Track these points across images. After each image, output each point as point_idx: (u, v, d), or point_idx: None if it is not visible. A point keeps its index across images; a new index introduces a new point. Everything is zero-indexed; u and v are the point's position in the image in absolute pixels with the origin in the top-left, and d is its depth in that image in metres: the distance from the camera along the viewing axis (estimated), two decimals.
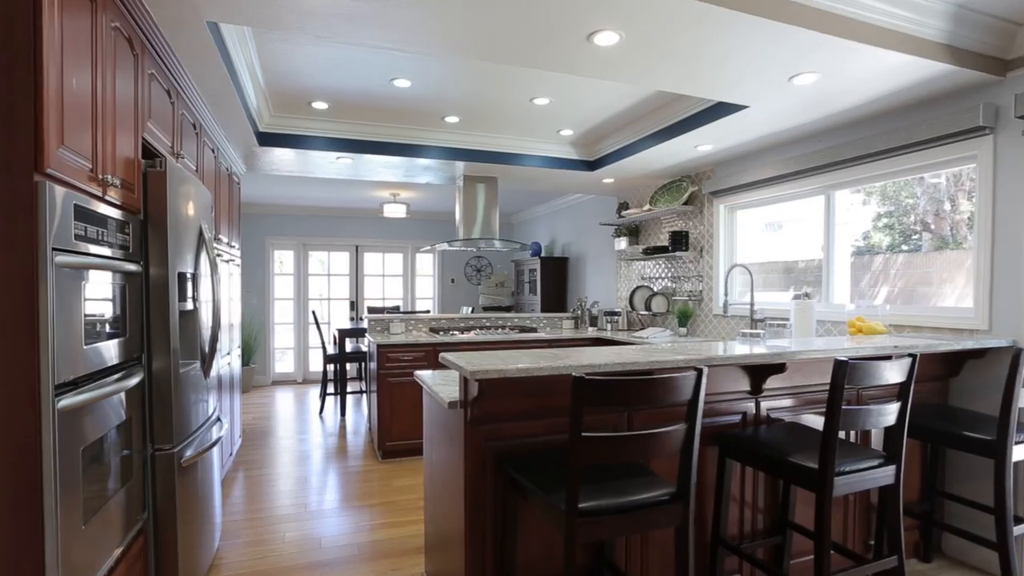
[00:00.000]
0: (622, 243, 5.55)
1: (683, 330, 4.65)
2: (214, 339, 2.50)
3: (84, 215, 1.55)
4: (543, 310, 6.96)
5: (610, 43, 2.29)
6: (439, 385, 2.18)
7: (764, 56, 2.40)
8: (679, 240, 4.72)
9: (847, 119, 3.23)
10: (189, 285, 2.33)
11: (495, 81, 3.29)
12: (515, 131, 4.24)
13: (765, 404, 2.35)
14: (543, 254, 7.11)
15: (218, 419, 2.84)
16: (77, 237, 1.51)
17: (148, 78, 2.15)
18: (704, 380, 1.55)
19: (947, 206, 3.51)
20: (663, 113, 3.78)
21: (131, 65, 1.98)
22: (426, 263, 8.71)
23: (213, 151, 3.39)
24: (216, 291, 2.47)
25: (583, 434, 1.42)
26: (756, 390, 2.28)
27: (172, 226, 2.10)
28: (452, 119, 3.93)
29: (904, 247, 3.41)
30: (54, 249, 1.39)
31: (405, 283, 8.59)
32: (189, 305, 2.32)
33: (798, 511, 2.40)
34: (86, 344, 1.56)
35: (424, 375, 2.39)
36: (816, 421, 2.46)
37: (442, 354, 1.94)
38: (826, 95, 2.83)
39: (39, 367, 1.34)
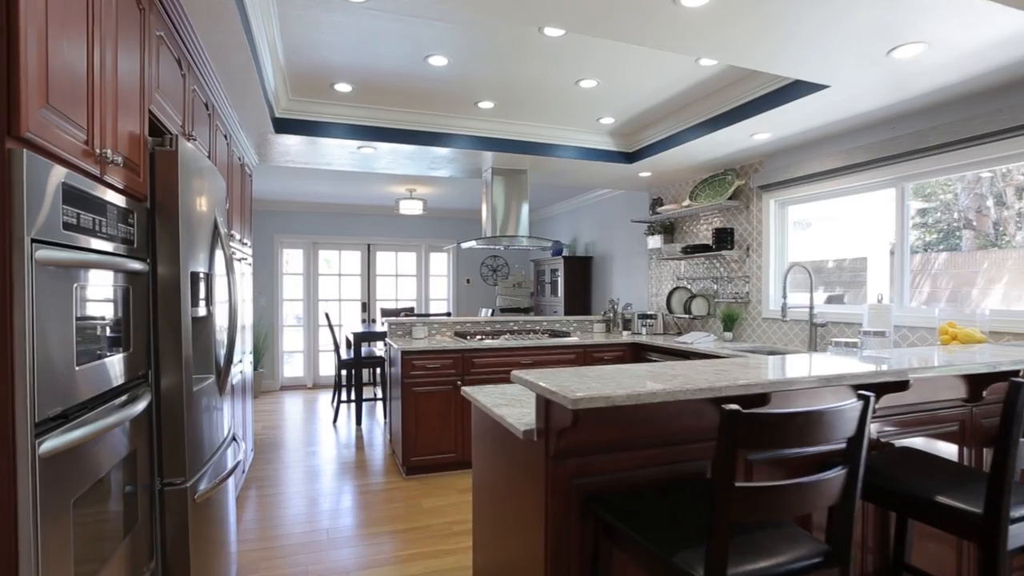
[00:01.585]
0: (655, 241, 5.20)
1: (728, 335, 4.31)
2: (231, 349, 2.16)
3: (76, 198, 1.21)
4: (566, 312, 6.61)
5: (698, 4, 1.95)
6: (500, 406, 1.84)
7: (869, 23, 2.06)
8: (724, 238, 4.38)
9: (930, 102, 2.88)
10: (202, 287, 1.99)
11: (540, 59, 2.94)
12: (552, 118, 3.90)
13: (875, 426, 2.01)
14: (565, 253, 6.76)
15: (233, 438, 2.50)
16: (67, 226, 1.17)
17: (156, 41, 1.81)
18: (871, 410, 1.21)
19: (989, 203, 3.23)
20: (717, 99, 3.43)
21: (136, 22, 1.64)
22: (440, 263, 8.37)
23: (226, 137, 3.05)
24: (233, 294, 2.13)
25: (738, 484, 1.08)
26: None
27: (184, 217, 1.76)
28: (486, 104, 3.59)
29: (941, 246, 3.22)
30: (35, 241, 1.05)
31: (419, 283, 8.24)
32: (202, 311, 1.98)
33: (916, 552, 2.06)
34: (79, 364, 1.22)
35: (475, 393, 2.05)
36: (928, 446, 2.12)
37: (514, 372, 1.59)
38: (919, 72, 2.49)
39: (12, 401, 1.00)
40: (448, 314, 6.97)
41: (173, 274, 1.72)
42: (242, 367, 3.55)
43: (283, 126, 3.48)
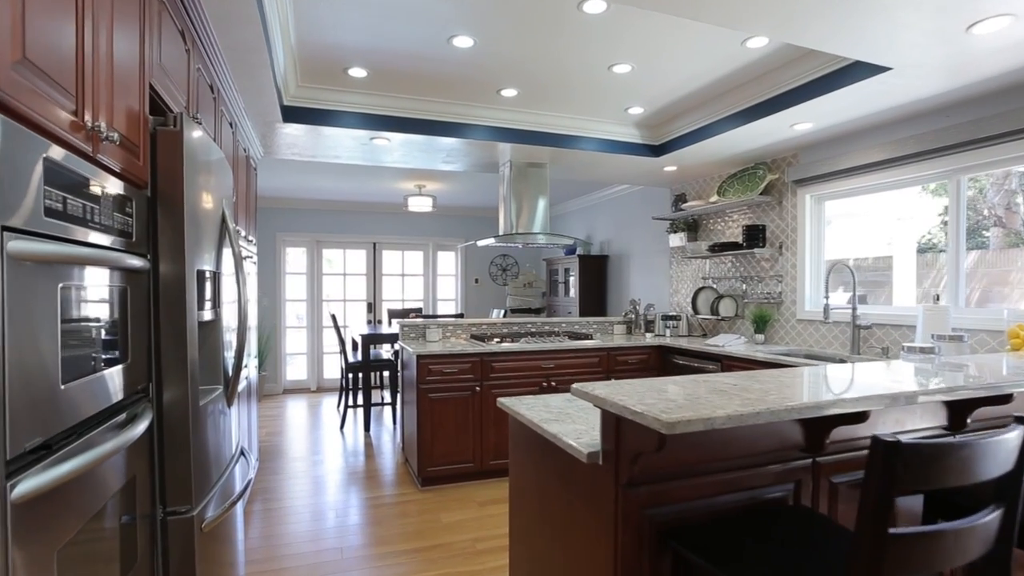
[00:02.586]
0: (678, 239, 4.99)
1: (760, 337, 4.09)
2: (240, 355, 1.94)
3: (63, 179, 0.99)
4: (581, 313, 6.39)
5: None
6: (548, 422, 1.62)
7: None
8: (755, 235, 4.16)
9: (994, 87, 2.67)
10: (209, 287, 1.77)
11: (573, 40, 2.72)
12: (577, 108, 3.67)
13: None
14: (579, 252, 6.54)
15: (242, 453, 2.28)
16: (51, 213, 0.95)
17: (157, 6, 1.58)
18: None
19: (1020, 199, 3.03)
20: (758, 87, 3.21)
21: None
22: (448, 262, 8.14)
23: (231, 125, 2.82)
24: (243, 295, 1.91)
25: (891, 531, 0.86)
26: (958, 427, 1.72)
27: (190, 207, 1.54)
28: (509, 92, 3.37)
29: (966, 244, 3.08)
30: (8, 230, 0.83)
31: (426, 283, 8.02)
32: (208, 314, 1.76)
33: None
34: (65, 382, 1.00)
35: (516, 406, 1.83)
36: None
37: (576, 386, 1.37)
38: (995, 51, 2.27)
39: None
40: (461, 315, 6.74)
41: (177, 272, 1.50)
42: (247, 371, 3.33)
43: (292, 115, 3.26)
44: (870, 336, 3.43)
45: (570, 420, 1.65)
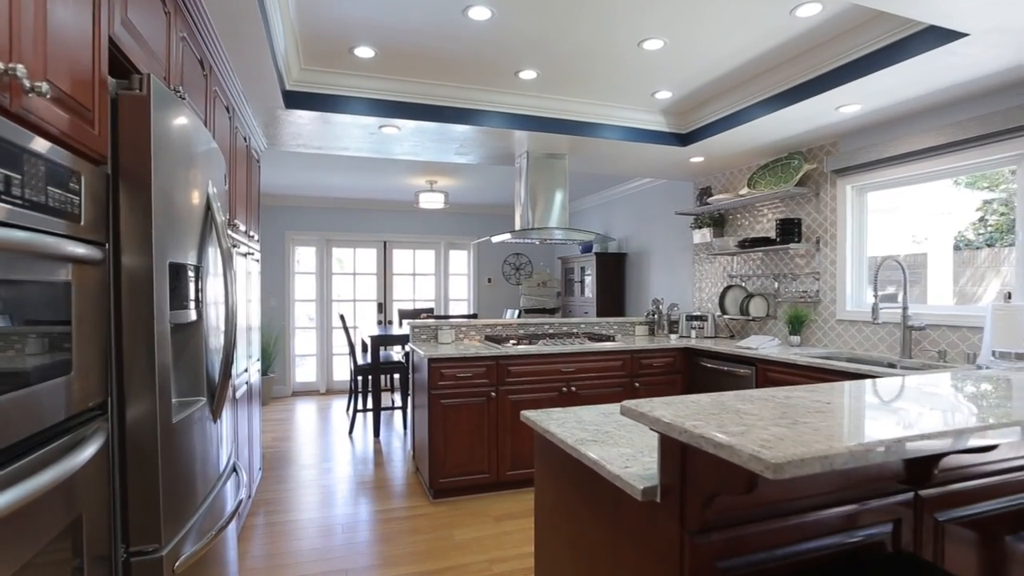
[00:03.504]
0: (703, 235, 4.70)
1: (795, 339, 3.79)
2: (227, 362, 1.69)
3: None
4: (599, 314, 6.11)
5: None
6: (586, 443, 1.36)
7: None
8: (789, 230, 3.86)
9: None
10: (191, 284, 1.53)
11: (599, 10, 2.45)
12: (601, 92, 3.40)
13: None
14: (596, 249, 6.27)
15: (234, 470, 2.04)
16: None
17: None
18: None
19: None
20: (802, 64, 2.92)
21: None
22: (460, 261, 7.90)
23: (228, 111, 2.59)
24: (230, 294, 1.67)
25: None
26: None
27: (161, 188, 1.30)
28: (528, 74, 3.10)
29: (1004, 239, 2.86)
30: None
31: (438, 283, 7.77)
32: (191, 314, 1.52)
33: None
34: None
35: (545, 422, 1.58)
36: None
37: (626, 403, 1.11)
38: None
39: None
40: (474, 315, 6.49)
41: (143, 265, 1.25)
42: (248, 376, 3.10)
43: (294, 100, 3.02)
44: (923, 338, 3.12)
45: (611, 441, 1.39)
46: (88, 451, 1.04)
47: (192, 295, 1.54)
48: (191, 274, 1.54)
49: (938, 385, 1.30)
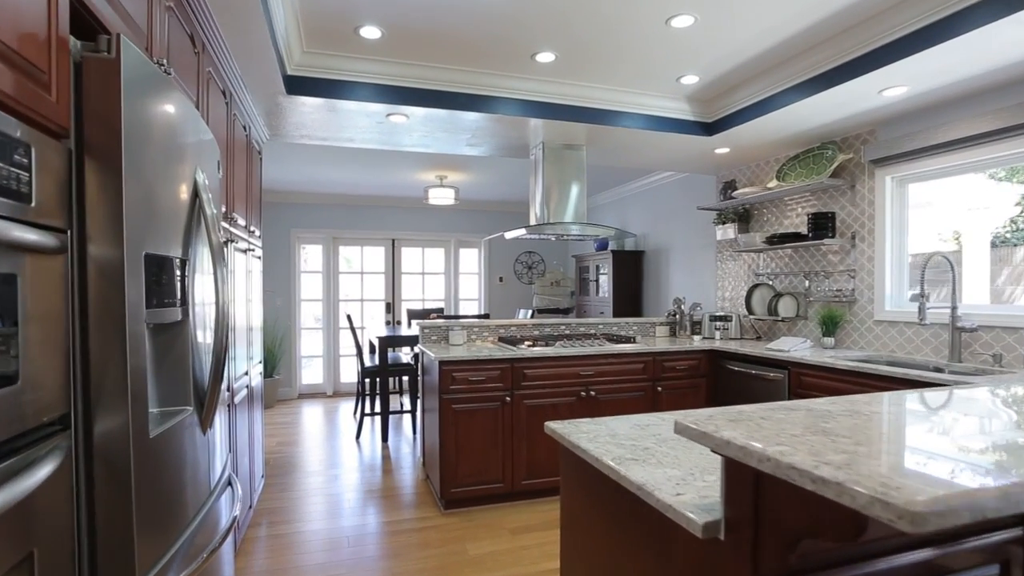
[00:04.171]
0: (726, 231, 4.48)
1: (829, 340, 3.56)
2: (218, 366, 1.52)
3: None
4: (615, 314, 5.91)
5: None
6: (625, 461, 1.17)
7: None
8: (823, 224, 3.64)
9: None
10: (176, 281, 1.36)
11: None
12: (622, 77, 3.20)
13: None
14: (612, 247, 6.06)
15: (229, 483, 1.87)
16: None
17: None
18: None
19: None
20: (839, 45, 2.71)
21: None
22: (470, 259, 7.72)
23: (225, 95, 2.43)
24: (222, 292, 1.50)
25: None
26: None
27: (134, 167, 1.13)
28: (546, 56, 2.91)
29: None
30: None
31: (447, 282, 7.60)
32: (175, 313, 1.35)
33: None
34: None
35: (575, 437, 1.39)
36: None
37: (679, 420, 0.92)
38: None
39: None
40: (486, 315, 6.31)
41: (114, 256, 1.08)
42: (248, 379, 2.94)
43: (297, 85, 2.85)
44: (973, 341, 2.89)
45: (654, 460, 1.19)
46: (38, 475, 0.87)
47: (177, 292, 1.37)
48: (176, 270, 1.36)
49: None
